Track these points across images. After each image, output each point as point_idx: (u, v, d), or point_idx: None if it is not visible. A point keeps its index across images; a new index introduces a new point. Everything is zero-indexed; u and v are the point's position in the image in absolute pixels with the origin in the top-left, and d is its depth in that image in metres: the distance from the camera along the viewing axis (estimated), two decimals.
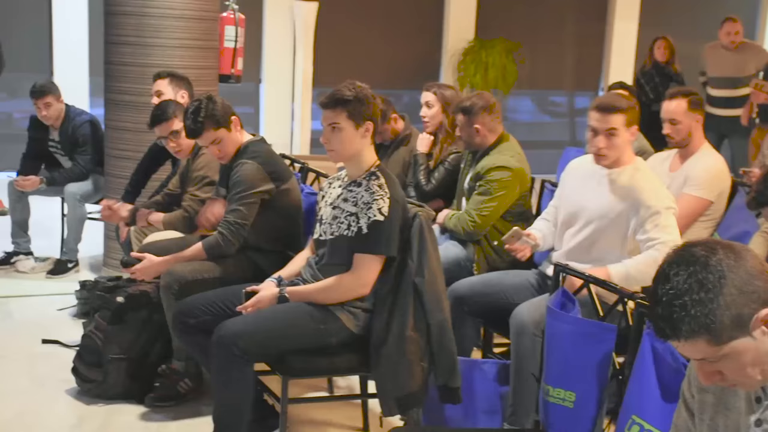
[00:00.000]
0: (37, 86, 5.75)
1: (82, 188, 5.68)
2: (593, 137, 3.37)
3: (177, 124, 4.16)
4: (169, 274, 3.64)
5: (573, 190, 3.54)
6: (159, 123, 4.22)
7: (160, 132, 4.25)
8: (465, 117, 4.22)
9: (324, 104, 3.15)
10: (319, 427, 3.69)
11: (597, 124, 3.35)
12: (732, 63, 7.39)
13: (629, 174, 3.36)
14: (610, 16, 10.36)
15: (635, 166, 3.39)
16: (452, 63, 9.72)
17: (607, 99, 3.44)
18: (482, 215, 4.06)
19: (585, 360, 2.63)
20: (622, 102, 3.41)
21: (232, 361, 3.06)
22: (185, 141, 4.16)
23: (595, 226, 3.39)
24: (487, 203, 4.05)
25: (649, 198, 3.27)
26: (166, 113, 4.20)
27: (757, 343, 1.54)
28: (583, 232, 3.43)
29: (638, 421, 2.27)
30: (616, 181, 3.37)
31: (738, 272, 1.52)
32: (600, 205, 3.39)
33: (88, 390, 3.84)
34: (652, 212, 3.25)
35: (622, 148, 3.36)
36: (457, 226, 4.12)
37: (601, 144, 3.34)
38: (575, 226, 3.47)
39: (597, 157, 3.38)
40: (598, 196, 3.40)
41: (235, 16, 5.76)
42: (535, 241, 3.60)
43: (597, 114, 3.36)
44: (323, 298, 3.16)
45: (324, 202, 3.33)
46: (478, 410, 3.34)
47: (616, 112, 3.33)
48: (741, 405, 1.67)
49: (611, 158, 3.36)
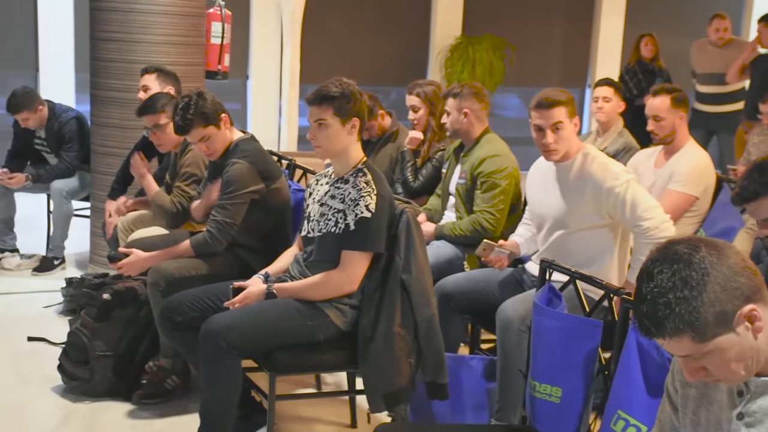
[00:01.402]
0: (11, 101, 5.66)
1: (69, 185, 5.66)
2: (540, 135, 3.40)
3: (163, 119, 4.16)
4: (156, 271, 3.63)
5: (536, 193, 3.59)
6: (146, 114, 4.22)
7: (146, 122, 4.25)
8: (455, 100, 4.19)
9: (310, 101, 3.16)
10: (306, 423, 3.70)
11: (542, 121, 3.38)
12: (720, 60, 7.42)
13: (579, 163, 3.40)
14: (597, 13, 10.38)
15: (583, 152, 3.43)
16: (439, 60, 9.72)
17: (546, 94, 3.44)
18: (499, 209, 4.02)
19: (571, 355, 2.64)
20: (561, 95, 3.44)
21: (220, 355, 3.05)
22: (168, 136, 4.16)
23: (562, 225, 3.42)
24: (498, 196, 4.02)
25: (605, 179, 3.30)
26: (155, 106, 4.20)
27: (741, 339, 1.55)
28: (554, 234, 3.46)
29: (624, 416, 2.28)
30: (569, 174, 3.41)
31: (721, 269, 1.53)
32: (558, 204, 3.43)
33: (74, 388, 3.83)
34: (616, 194, 3.28)
35: (569, 140, 3.41)
36: (471, 228, 4.02)
37: (550, 140, 3.37)
38: (545, 229, 3.50)
39: (548, 154, 3.42)
40: (557, 195, 3.44)
41: (221, 13, 5.75)
42: (510, 249, 3.62)
43: (539, 111, 3.39)
44: (311, 294, 3.16)
45: (311, 199, 3.33)
46: (466, 406, 3.35)
47: (558, 105, 3.38)
48: (723, 398, 1.69)
49: (561, 151, 3.40)
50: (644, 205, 3.28)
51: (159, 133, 4.20)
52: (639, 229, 3.28)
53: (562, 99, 3.41)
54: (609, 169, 3.35)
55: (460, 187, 4.18)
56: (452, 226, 4.09)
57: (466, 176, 4.13)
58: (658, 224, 3.26)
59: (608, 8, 10.29)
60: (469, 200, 4.13)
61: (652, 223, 3.26)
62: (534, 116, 3.41)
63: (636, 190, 3.30)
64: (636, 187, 3.32)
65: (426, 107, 4.81)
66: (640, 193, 3.31)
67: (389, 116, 5.25)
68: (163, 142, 4.24)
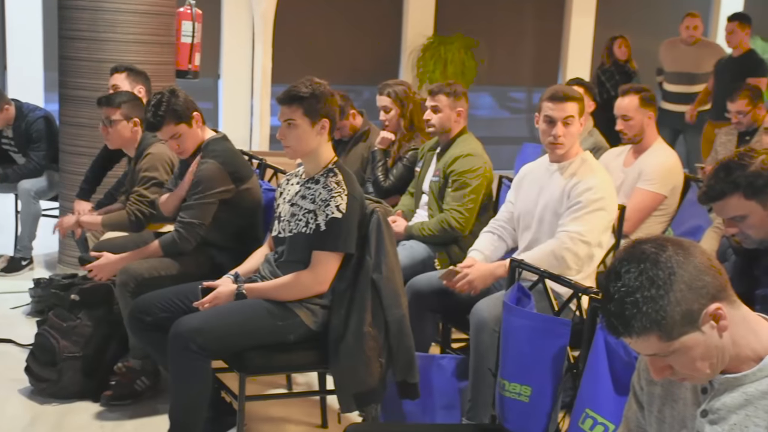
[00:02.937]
0: None
1: (36, 185, 5.60)
2: (550, 127, 3.38)
3: (117, 115, 4.16)
4: (125, 271, 3.60)
5: (527, 194, 3.54)
6: (102, 105, 4.22)
7: (102, 113, 4.22)
8: (449, 99, 4.17)
9: (280, 100, 3.15)
10: (277, 424, 3.68)
11: (555, 113, 3.37)
12: (690, 59, 7.48)
13: (577, 165, 3.40)
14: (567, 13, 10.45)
15: (582, 157, 3.44)
16: (411, 59, 9.74)
17: (561, 88, 3.46)
18: (468, 208, 4.00)
19: (540, 354, 2.66)
20: (575, 91, 3.47)
21: (189, 357, 3.04)
22: (117, 133, 4.17)
23: (543, 221, 3.42)
24: (469, 195, 4.00)
25: (584, 189, 3.30)
26: (114, 100, 4.19)
27: (706, 338, 1.57)
28: (532, 229, 3.46)
29: (592, 414, 2.30)
30: (564, 173, 3.41)
31: (687, 268, 1.54)
32: (545, 201, 3.43)
33: (41, 390, 3.79)
34: (577, 202, 3.29)
35: (574, 138, 3.41)
36: (439, 228, 4.00)
37: (559, 132, 3.36)
38: (531, 227, 3.50)
39: (553, 146, 3.40)
40: (548, 192, 3.44)
41: (192, 11, 5.72)
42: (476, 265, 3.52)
43: (554, 103, 3.38)
44: (281, 295, 3.14)
45: (282, 198, 3.32)
46: (437, 406, 3.36)
47: (572, 100, 3.39)
48: (687, 396, 1.70)
49: (567, 146, 3.40)
50: (586, 228, 3.26)
51: (109, 127, 4.19)
52: (559, 233, 3.29)
53: (576, 96, 3.43)
54: (598, 185, 3.32)
55: (434, 185, 4.17)
56: (421, 226, 4.08)
57: (440, 174, 4.13)
58: (572, 247, 3.25)
59: (578, 8, 10.36)
60: (442, 198, 4.12)
61: (571, 243, 3.24)
62: (546, 107, 3.39)
63: (597, 217, 3.28)
64: (601, 215, 3.30)
65: (397, 107, 4.80)
66: (596, 221, 3.29)
67: (360, 116, 5.24)
68: (110, 137, 4.23)
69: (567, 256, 3.25)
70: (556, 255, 3.25)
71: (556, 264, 3.19)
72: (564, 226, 3.30)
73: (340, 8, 9.66)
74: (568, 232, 3.27)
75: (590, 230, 3.27)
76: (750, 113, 5.32)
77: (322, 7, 9.57)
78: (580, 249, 3.26)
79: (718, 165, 2.57)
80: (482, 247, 3.61)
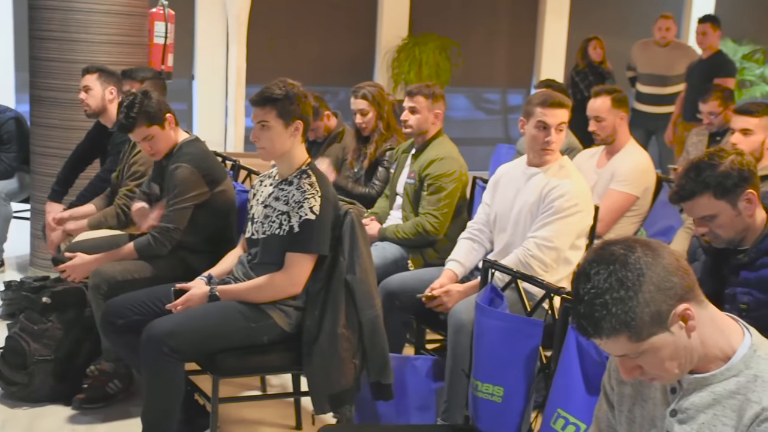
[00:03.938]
0: None
1: (7, 186, 5.54)
2: (543, 133, 3.39)
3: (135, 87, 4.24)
4: (97, 274, 3.58)
5: (503, 196, 3.55)
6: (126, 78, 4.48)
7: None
8: (428, 100, 4.14)
9: (254, 102, 3.14)
10: (250, 425, 3.67)
11: (549, 119, 3.38)
12: (662, 60, 7.54)
13: (555, 170, 3.42)
14: (541, 15, 10.50)
15: (560, 163, 3.45)
16: (386, 60, 9.74)
17: (553, 95, 3.46)
18: (443, 213, 3.99)
19: (513, 355, 2.67)
20: (565, 98, 3.49)
21: (162, 360, 3.02)
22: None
23: (519, 224, 3.44)
24: (444, 199, 4.00)
25: (558, 195, 3.32)
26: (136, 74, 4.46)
27: (675, 338, 1.58)
28: (507, 232, 3.48)
29: (563, 414, 2.31)
30: (542, 178, 3.42)
31: (656, 269, 1.56)
32: (521, 204, 3.44)
33: (12, 393, 3.75)
34: (550, 207, 3.31)
35: (560, 144, 3.44)
36: (414, 232, 3.99)
37: (553, 138, 3.38)
38: (506, 230, 3.51)
39: (545, 152, 3.41)
40: (524, 195, 3.45)
41: (164, 12, 5.69)
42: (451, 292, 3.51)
43: (550, 109, 3.38)
44: (255, 296, 3.14)
45: (255, 200, 3.31)
46: (411, 406, 3.36)
47: (565, 107, 3.42)
48: (657, 396, 1.72)
49: (556, 152, 3.43)
50: (554, 234, 3.29)
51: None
52: (527, 240, 3.32)
53: (568, 103, 3.45)
54: (570, 191, 3.33)
55: (409, 186, 4.17)
56: (395, 229, 4.07)
57: (415, 177, 4.13)
58: (537, 254, 3.28)
59: (552, 10, 10.42)
60: (417, 201, 4.12)
61: (537, 250, 3.28)
62: (540, 113, 3.38)
63: (567, 223, 3.31)
64: (572, 221, 3.32)
65: (374, 110, 4.78)
66: (566, 227, 3.31)
67: (335, 117, 5.23)
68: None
69: (533, 263, 3.29)
70: (522, 262, 3.29)
71: (524, 271, 3.22)
72: (533, 231, 3.33)
73: (314, 9, 9.65)
74: (535, 238, 3.31)
75: (558, 236, 3.29)
76: (721, 114, 5.37)
77: (296, 9, 9.55)
78: (546, 255, 3.29)
79: (689, 165, 2.59)
80: (461, 257, 3.62)
